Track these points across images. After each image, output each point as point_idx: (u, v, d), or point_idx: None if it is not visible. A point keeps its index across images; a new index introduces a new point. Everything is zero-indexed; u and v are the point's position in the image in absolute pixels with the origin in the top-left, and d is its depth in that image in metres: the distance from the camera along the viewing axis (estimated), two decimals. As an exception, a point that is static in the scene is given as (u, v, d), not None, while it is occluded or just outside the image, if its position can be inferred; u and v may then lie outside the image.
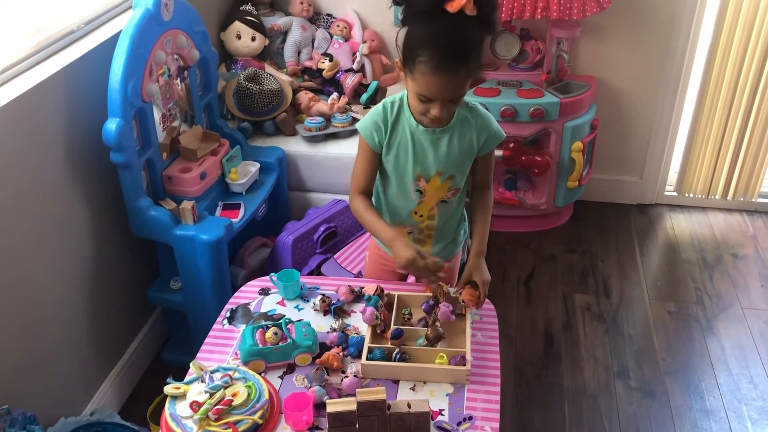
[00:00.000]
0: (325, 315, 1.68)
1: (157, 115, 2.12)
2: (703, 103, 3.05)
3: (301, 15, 2.96)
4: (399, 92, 1.66)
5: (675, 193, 3.32)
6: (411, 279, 1.97)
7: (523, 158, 2.86)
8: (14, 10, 1.86)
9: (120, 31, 1.95)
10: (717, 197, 3.28)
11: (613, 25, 2.92)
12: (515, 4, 2.58)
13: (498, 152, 2.86)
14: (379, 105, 1.65)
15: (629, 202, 3.33)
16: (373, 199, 1.74)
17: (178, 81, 2.24)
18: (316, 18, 3.03)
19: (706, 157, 3.18)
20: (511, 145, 2.84)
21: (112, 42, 1.96)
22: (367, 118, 1.66)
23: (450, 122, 1.61)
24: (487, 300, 1.69)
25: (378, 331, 1.58)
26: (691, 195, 3.30)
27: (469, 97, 2.94)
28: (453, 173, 1.65)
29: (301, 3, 2.95)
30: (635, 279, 2.85)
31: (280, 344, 1.52)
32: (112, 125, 1.89)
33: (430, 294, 1.64)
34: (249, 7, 2.87)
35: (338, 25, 2.98)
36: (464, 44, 1.44)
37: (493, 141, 1.66)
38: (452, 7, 1.39)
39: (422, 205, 1.69)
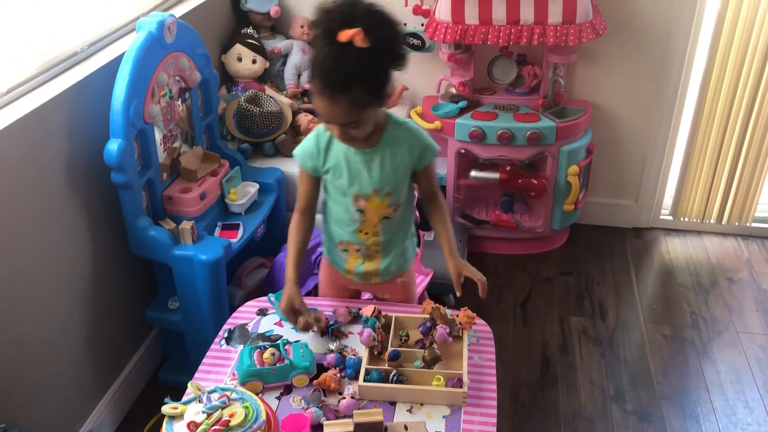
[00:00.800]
0: (322, 336, 1.69)
1: (158, 136, 2.15)
2: (697, 127, 3.08)
3: (302, 38, 3.00)
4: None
5: (670, 217, 3.34)
6: (365, 295, 1.98)
7: (520, 181, 2.88)
8: (18, 32, 1.88)
9: (123, 54, 1.98)
10: (712, 221, 3.30)
11: (609, 51, 2.96)
12: (512, 30, 2.62)
13: (495, 175, 2.89)
14: (314, 132, 1.68)
15: (625, 226, 3.35)
16: (323, 221, 1.80)
17: (180, 102, 2.26)
18: (316, 41, 3.07)
19: (701, 181, 3.20)
20: (508, 168, 2.87)
21: (114, 64, 1.99)
22: (300, 146, 1.70)
23: (379, 142, 1.62)
24: (483, 322, 1.71)
25: (375, 353, 1.59)
26: (686, 219, 3.32)
27: (466, 121, 2.95)
28: (390, 190, 1.66)
29: (302, 27, 2.99)
30: (631, 302, 2.86)
31: (278, 365, 1.52)
32: (113, 146, 1.91)
33: (428, 316, 1.65)
34: (250, 30, 2.91)
35: (338, 49, 3.02)
36: (345, 74, 1.42)
37: (428, 155, 1.67)
38: (341, 37, 1.40)
39: (365, 223, 1.71)
